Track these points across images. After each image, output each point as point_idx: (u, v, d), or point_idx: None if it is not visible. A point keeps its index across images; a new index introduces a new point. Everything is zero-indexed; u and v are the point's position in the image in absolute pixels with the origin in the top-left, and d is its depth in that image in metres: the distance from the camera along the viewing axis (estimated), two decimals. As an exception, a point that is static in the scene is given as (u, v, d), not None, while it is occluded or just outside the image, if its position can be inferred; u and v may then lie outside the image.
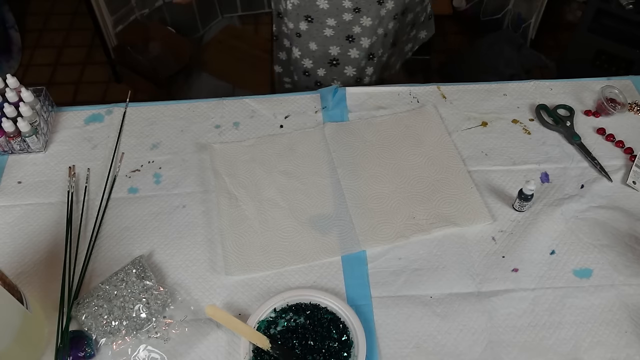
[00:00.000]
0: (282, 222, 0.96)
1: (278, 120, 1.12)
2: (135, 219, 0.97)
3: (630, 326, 0.84)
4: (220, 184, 1.01)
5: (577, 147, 1.07)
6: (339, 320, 0.84)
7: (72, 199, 1.00)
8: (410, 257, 0.92)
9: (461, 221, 0.95)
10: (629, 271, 0.90)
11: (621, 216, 0.96)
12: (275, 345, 0.81)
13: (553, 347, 0.82)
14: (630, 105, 1.13)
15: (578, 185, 1.01)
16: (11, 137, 1.03)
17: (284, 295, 0.85)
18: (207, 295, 0.88)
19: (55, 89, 2.33)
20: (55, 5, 2.74)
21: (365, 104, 1.15)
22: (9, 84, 1.05)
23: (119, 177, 1.04)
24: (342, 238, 0.94)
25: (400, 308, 0.86)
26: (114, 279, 0.87)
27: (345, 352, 0.80)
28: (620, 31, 1.94)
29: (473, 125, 1.11)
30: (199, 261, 0.92)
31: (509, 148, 1.07)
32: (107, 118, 1.13)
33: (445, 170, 1.02)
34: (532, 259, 0.91)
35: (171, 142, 1.09)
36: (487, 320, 0.85)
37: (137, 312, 0.83)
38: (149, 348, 0.82)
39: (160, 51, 2.25)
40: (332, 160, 1.05)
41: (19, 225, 0.97)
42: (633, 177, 1.01)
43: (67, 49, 2.53)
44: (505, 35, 2.31)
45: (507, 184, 1.01)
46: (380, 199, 0.99)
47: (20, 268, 0.91)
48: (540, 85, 1.18)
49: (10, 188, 1.02)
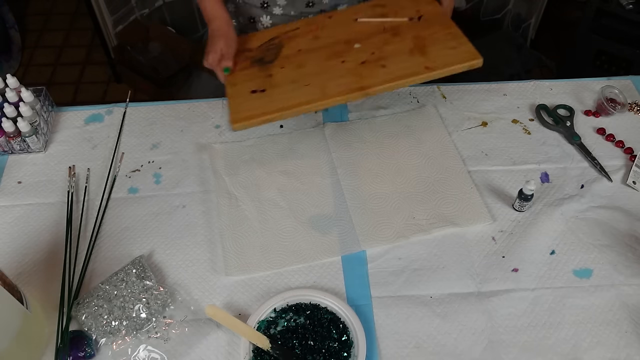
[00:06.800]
0: (282, 222, 0.96)
1: (278, 120, 1.12)
2: (135, 219, 0.97)
3: (630, 326, 0.84)
4: (220, 184, 1.01)
5: (577, 147, 1.06)
6: (339, 320, 0.84)
7: (72, 199, 1.00)
8: (410, 257, 0.92)
9: (461, 221, 0.95)
10: (629, 271, 0.90)
11: (621, 216, 0.96)
12: (275, 345, 0.81)
13: (553, 347, 0.82)
14: (630, 105, 1.13)
15: (578, 185, 1.01)
16: (11, 137, 1.03)
17: (284, 295, 0.85)
18: (207, 295, 0.88)
19: (55, 89, 2.33)
20: (55, 5, 2.74)
21: (365, 103, 1.15)
22: (9, 84, 1.05)
23: (119, 177, 1.03)
24: (342, 238, 0.94)
25: (400, 308, 0.86)
26: (114, 279, 0.87)
27: (345, 352, 0.80)
28: (620, 31, 1.94)
29: (473, 125, 1.11)
30: (199, 261, 0.92)
31: (509, 148, 1.07)
32: (107, 118, 1.13)
33: (445, 170, 1.02)
34: (532, 259, 0.91)
35: (171, 142, 1.09)
36: (487, 320, 0.85)
37: (137, 312, 0.83)
38: (149, 348, 0.82)
39: (160, 51, 2.25)
40: (332, 160, 1.05)
41: (19, 225, 0.97)
42: (633, 177, 1.01)
43: (67, 49, 2.53)
44: (505, 35, 2.31)
45: (507, 184, 1.01)
46: (381, 199, 0.99)
47: (20, 268, 0.91)
48: (540, 85, 1.18)
49: (10, 188, 1.02)
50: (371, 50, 1.00)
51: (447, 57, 0.96)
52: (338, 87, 0.95)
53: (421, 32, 1.01)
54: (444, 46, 0.98)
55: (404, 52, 0.98)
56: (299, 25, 1.09)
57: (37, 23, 2.65)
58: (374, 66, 0.96)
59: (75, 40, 2.57)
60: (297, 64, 1.01)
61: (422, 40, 1.00)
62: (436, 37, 1.00)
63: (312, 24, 1.09)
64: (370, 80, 0.94)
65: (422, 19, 1.03)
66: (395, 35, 1.02)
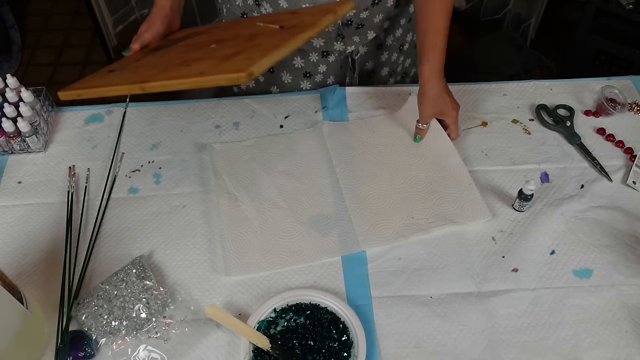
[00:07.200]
0: (282, 222, 0.96)
1: (278, 120, 1.12)
2: (135, 219, 0.97)
3: (630, 326, 0.84)
4: (220, 184, 1.01)
5: (577, 147, 1.07)
6: (339, 320, 0.84)
7: (72, 199, 1.00)
8: (410, 257, 0.92)
9: (460, 219, 0.95)
10: (629, 271, 0.90)
11: (621, 216, 0.96)
12: (275, 345, 0.81)
13: (553, 347, 0.82)
14: (630, 105, 1.13)
15: (578, 185, 1.01)
16: (11, 137, 1.03)
17: (284, 295, 0.85)
18: (207, 295, 0.88)
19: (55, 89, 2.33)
20: (55, 5, 2.74)
21: (365, 103, 1.15)
22: (9, 84, 1.05)
23: (119, 177, 1.04)
24: (341, 238, 0.94)
25: (400, 308, 0.86)
26: (114, 279, 0.87)
27: (345, 352, 0.80)
28: (620, 31, 1.94)
29: (473, 125, 1.11)
30: (199, 261, 0.92)
31: (509, 148, 1.07)
32: (107, 118, 1.13)
33: (444, 169, 1.02)
34: (532, 259, 0.91)
35: (171, 142, 1.09)
36: (487, 320, 0.85)
37: (137, 312, 0.83)
38: (149, 348, 0.82)
39: (160, 51, 2.25)
40: (331, 160, 1.04)
41: (19, 225, 0.97)
42: (633, 177, 1.01)
43: (67, 49, 2.53)
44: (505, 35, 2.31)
45: (507, 184, 1.01)
46: (379, 199, 0.99)
47: (20, 268, 0.91)
48: (540, 85, 1.18)
49: (10, 188, 1.02)
50: (207, 49, 0.88)
51: (220, 66, 0.79)
52: (132, 77, 0.85)
53: (262, 40, 0.83)
54: (244, 56, 0.78)
55: (219, 56, 0.83)
56: (221, 26, 1.02)
57: (37, 23, 2.65)
58: (182, 63, 0.85)
59: (75, 40, 2.58)
60: (165, 52, 0.95)
61: (248, 46, 0.83)
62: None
63: (235, 25, 0.98)
64: (154, 76, 0.83)
65: (285, 28, 0.85)
66: (252, 40, 0.85)
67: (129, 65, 0.94)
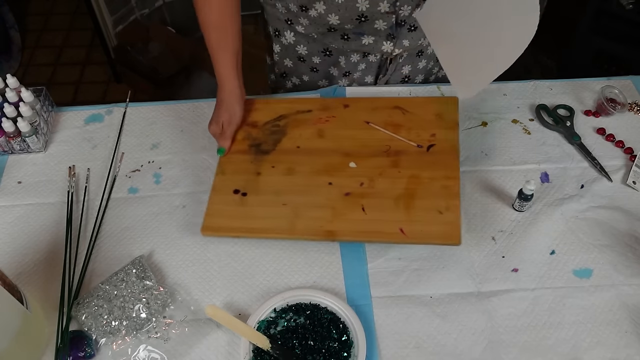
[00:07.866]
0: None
1: (278, 120, 1.12)
2: (135, 219, 0.97)
3: (630, 326, 0.84)
4: (221, 184, 1.01)
5: (577, 147, 1.07)
6: (339, 320, 0.84)
7: (72, 199, 1.00)
8: (410, 257, 0.92)
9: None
10: (629, 271, 0.90)
11: (621, 216, 0.96)
12: (275, 345, 0.81)
13: (553, 347, 0.82)
14: (630, 105, 1.13)
15: (578, 185, 1.01)
16: (11, 137, 1.03)
17: (284, 295, 0.85)
18: (207, 295, 0.88)
19: (55, 89, 2.33)
20: (55, 5, 2.74)
21: (365, 104, 1.14)
22: (9, 84, 1.05)
23: (119, 177, 1.04)
24: None
25: (400, 308, 0.86)
26: (114, 279, 0.87)
27: (345, 352, 0.80)
28: (620, 31, 1.94)
29: (473, 125, 1.11)
30: (199, 261, 0.92)
31: (509, 148, 1.07)
32: (107, 118, 1.13)
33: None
34: (532, 259, 0.91)
35: (171, 142, 1.09)
36: (487, 320, 0.85)
37: (137, 312, 0.83)
38: (149, 348, 0.82)
39: (160, 51, 2.25)
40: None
41: (19, 225, 0.97)
42: (633, 177, 1.01)
43: (67, 49, 2.54)
44: (505, 35, 2.31)
45: (507, 184, 1.01)
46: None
47: (20, 268, 0.91)
48: (540, 85, 1.18)
49: (10, 188, 1.02)
50: (362, 179, 0.95)
51: (425, 226, 0.88)
52: (308, 222, 0.91)
53: (420, 172, 0.94)
54: (431, 205, 0.90)
55: (390, 196, 0.92)
56: (311, 108, 1.07)
57: (37, 23, 2.65)
58: (354, 204, 0.92)
59: (75, 40, 2.58)
60: (287, 168, 0.99)
61: (416, 184, 0.93)
62: (431, 188, 0.92)
63: (325, 110, 1.06)
64: (341, 226, 0.90)
65: (432, 149, 0.97)
66: (393, 167, 0.96)
67: (260, 186, 0.97)
